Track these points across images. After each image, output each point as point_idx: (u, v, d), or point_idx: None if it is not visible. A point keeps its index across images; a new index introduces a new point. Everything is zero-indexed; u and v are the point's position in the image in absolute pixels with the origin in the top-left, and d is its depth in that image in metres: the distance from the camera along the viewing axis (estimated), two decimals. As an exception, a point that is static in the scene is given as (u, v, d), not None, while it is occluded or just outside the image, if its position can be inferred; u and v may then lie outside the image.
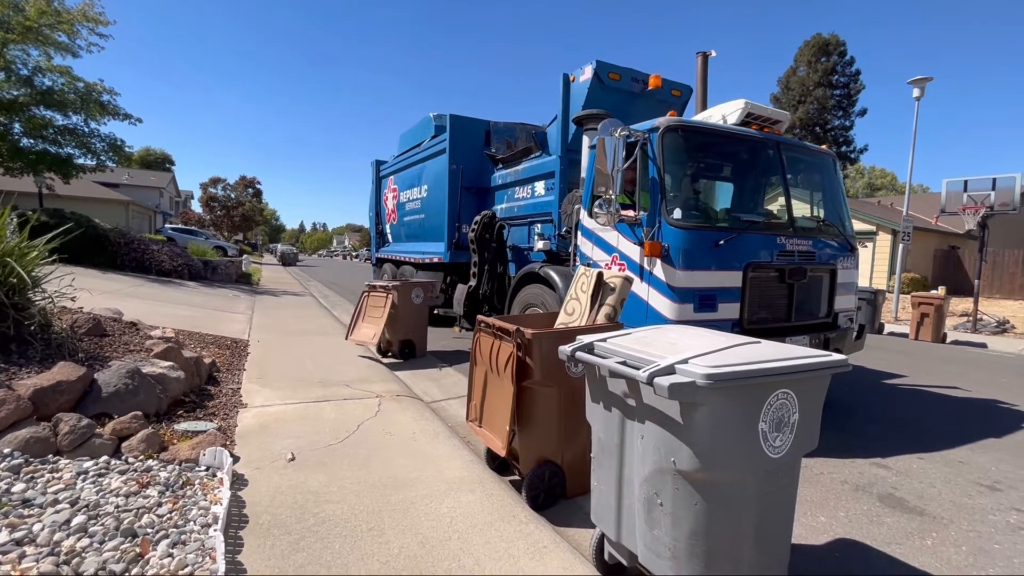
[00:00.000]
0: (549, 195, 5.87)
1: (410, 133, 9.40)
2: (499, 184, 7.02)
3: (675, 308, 3.62)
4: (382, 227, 10.81)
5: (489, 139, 7.42)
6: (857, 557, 2.42)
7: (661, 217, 3.78)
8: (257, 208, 46.95)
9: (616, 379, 1.85)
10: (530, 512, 2.52)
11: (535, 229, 6.18)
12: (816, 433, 1.80)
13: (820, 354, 1.78)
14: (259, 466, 2.82)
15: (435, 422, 3.75)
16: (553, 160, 5.75)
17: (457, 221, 7.31)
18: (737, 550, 1.68)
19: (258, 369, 4.93)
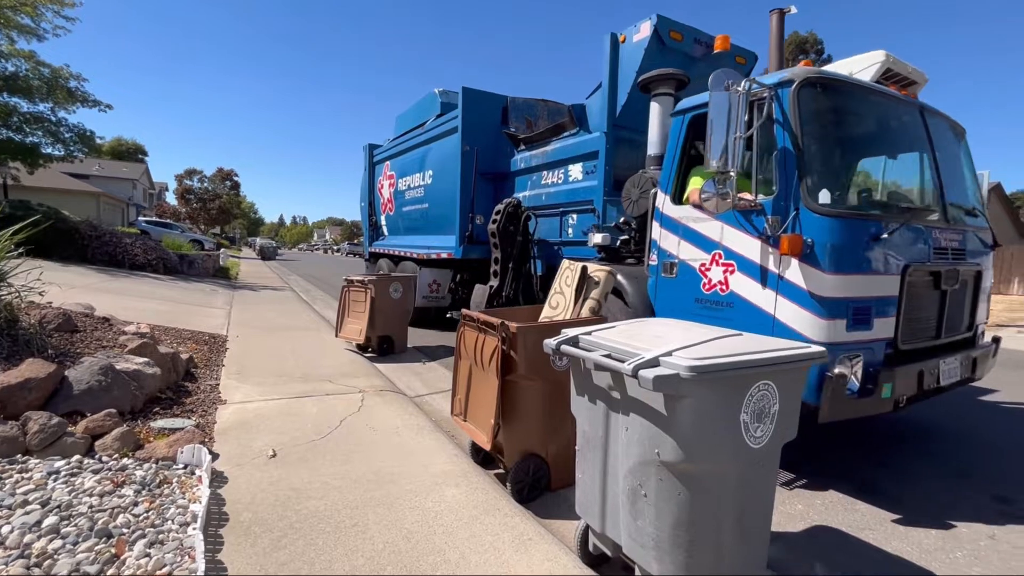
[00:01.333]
0: (589, 179, 5.04)
1: (410, 113, 8.46)
2: (521, 168, 6.16)
3: (822, 326, 2.72)
4: (376, 218, 9.87)
5: (507, 116, 6.53)
6: (832, 542, 2.48)
7: (798, 201, 2.85)
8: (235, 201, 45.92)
9: (601, 372, 1.86)
10: (515, 505, 2.53)
11: (568, 220, 5.40)
12: (795, 423, 1.84)
13: (798, 345, 1.82)
14: (239, 463, 2.77)
15: (419, 417, 3.74)
16: (596, 138, 4.91)
17: (471, 211, 6.41)
18: (719, 539, 1.71)
19: (237, 365, 4.83)
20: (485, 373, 2.77)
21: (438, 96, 7.50)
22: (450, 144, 6.66)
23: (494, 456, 2.91)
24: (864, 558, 2.36)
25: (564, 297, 3.15)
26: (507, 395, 2.64)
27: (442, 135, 6.99)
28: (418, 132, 7.76)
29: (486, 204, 6.35)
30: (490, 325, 2.71)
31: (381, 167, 9.43)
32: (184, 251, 14.62)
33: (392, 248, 8.89)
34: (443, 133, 6.94)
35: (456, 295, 7.15)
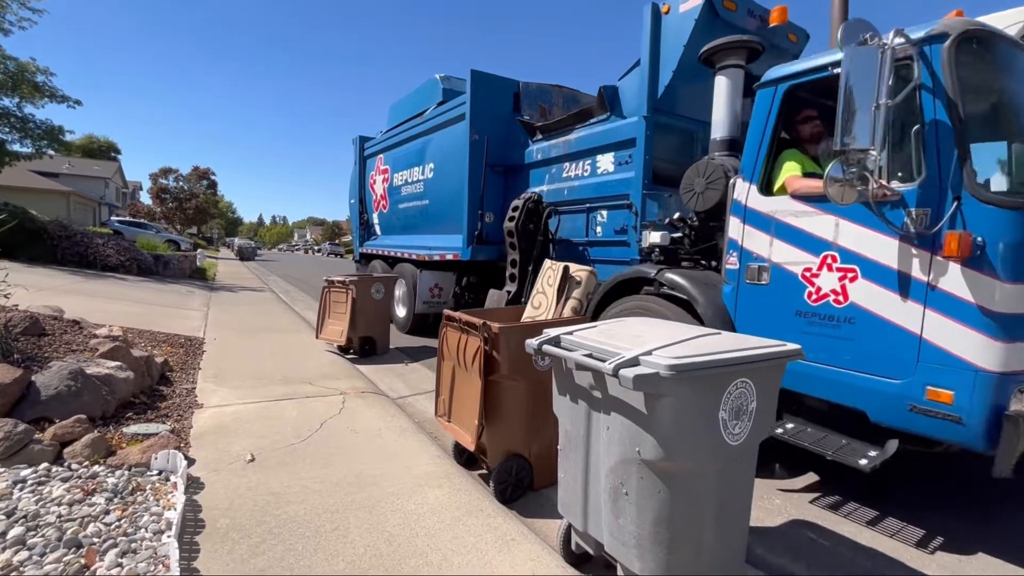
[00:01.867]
0: (623, 171, 4.42)
1: (407, 102, 7.81)
2: (537, 160, 5.50)
3: (995, 349, 2.16)
4: (368, 216, 9.13)
5: (518, 103, 5.94)
6: (810, 535, 2.54)
7: (958, 188, 2.24)
8: (212, 200, 44.95)
9: (582, 371, 1.87)
10: (498, 505, 2.52)
11: (596, 217, 4.76)
12: (772, 420, 1.87)
13: (775, 343, 1.85)
14: (216, 468, 2.72)
15: (401, 418, 3.71)
16: (633, 124, 4.28)
17: (480, 207, 5.78)
18: (699, 535, 1.73)
19: (215, 368, 4.73)
20: (468, 374, 2.76)
21: (439, 82, 6.88)
22: (456, 133, 6.08)
23: (477, 457, 2.90)
24: (840, 551, 2.42)
25: (547, 297, 3.17)
26: (490, 395, 2.64)
27: (446, 124, 6.38)
28: (417, 122, 7.15)
29: (497, 200, 5.83)
30: (472, 325, 2.70)
31: (373, 161, 8.76)
32: (159, 252, 14.27)
33: (386, 249, 8.23)
34: (447, 122, 6.33)
35: (461, 300, 6.69)
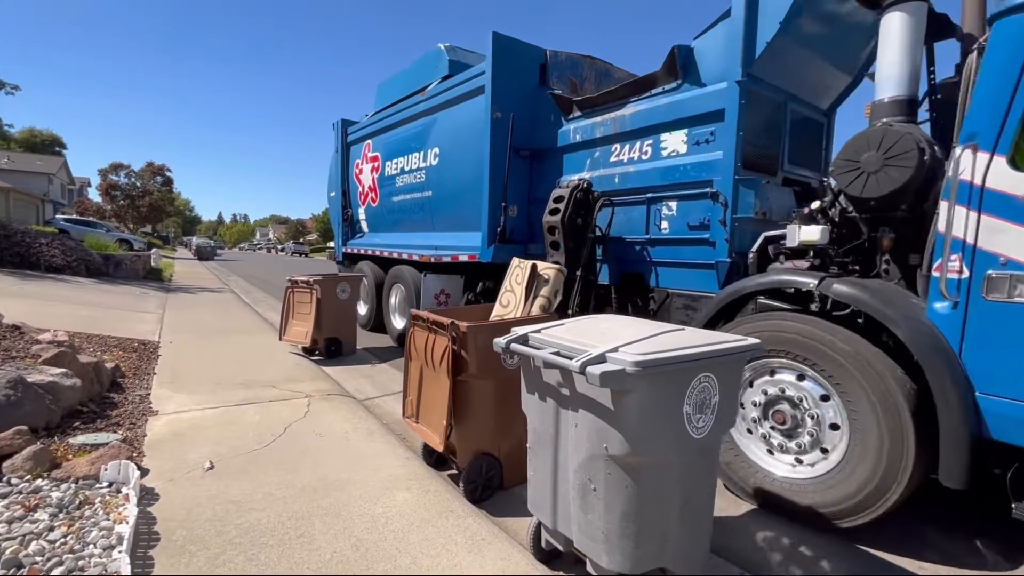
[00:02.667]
0: (703, 152, 3.58)
1: (401, 78, 6.75)
2: (575, 142, 4.59)
3: None
4: (352, 211, 8.05)
5: (545, 76, 5.04)
6: (771, 523, 2.62)
7: None
8: (167, 198, 42.99)
9: (550, 369, 1.87)
10: (468, 506, 2.51)
11: (660, 210, 3.88)
12: (734, 413, 1.92)
13: (736, 338, 1.90)
14: (172, 478, 2.60)
15: (369, 420, 3.64)
16: (720, 92, 3.43)
17: (503, 200, 4.90)
18: (665, 527, 1.76)
19: (171, 372, 4.53)
20: (436, 374, 2.73)
21: (444, 53, 5.91)
22: (470, 111, 5.14)
23: (447, 457, 2.88)
24: (799, 536, 2.51)
25: (515, 295, 3.16)
26: (459, 395, 2.62)
27: (456, 100, 5.41)
28: (416, 100, 6.14)
29: (520, 191, 4.99)
30: (440, 325, 2.67)
31: (359, 148, 7.62)
32: (110, 251, 13.55)
33: (377, 248, 7.20)
34: (458, 98, 5.38)
35: None
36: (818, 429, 2.56)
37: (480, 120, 4.93)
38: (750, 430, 2.81)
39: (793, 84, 3.78)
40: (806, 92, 3.99)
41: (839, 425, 2.49)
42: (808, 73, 3.56)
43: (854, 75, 4.16)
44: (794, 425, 2.63)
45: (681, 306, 3.74)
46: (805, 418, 2.59)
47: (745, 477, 2.79)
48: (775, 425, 2.69)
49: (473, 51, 5.99)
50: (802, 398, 2.59)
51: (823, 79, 4.04)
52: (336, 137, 8.16)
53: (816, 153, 4.37)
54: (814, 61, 3.49)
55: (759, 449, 2.79)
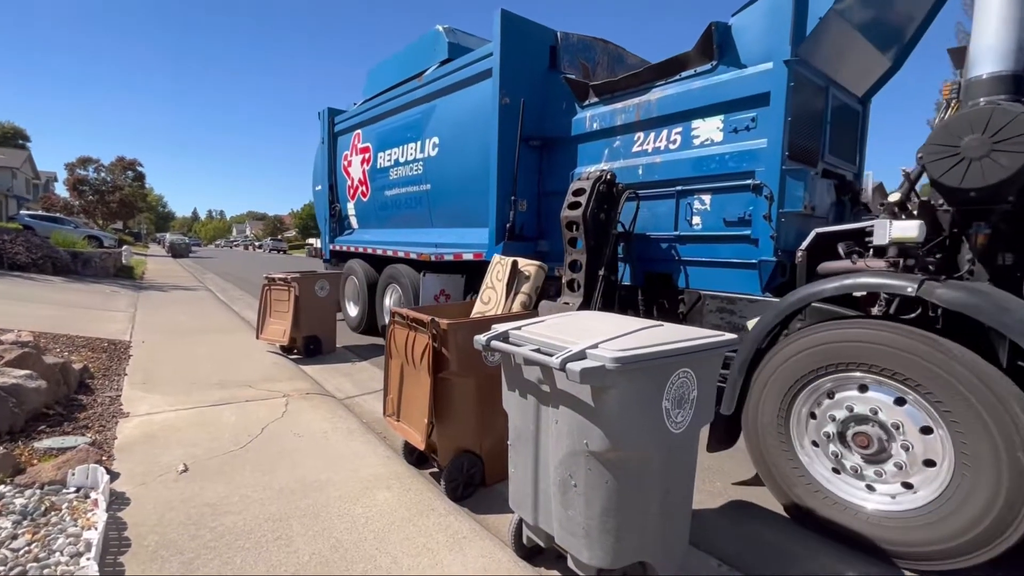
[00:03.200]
0: (743, 139, 3.28)
1: (394, 63, 6.34)
2: (593, 130, 4.25)
3: None
4: (340, 206, 7.63)
5: (555, 59, 4.72)
6: (749, 515, 2.68)
7: None
8: (139, 193, 41.76)
9: (531, 366, 1.87)
10: (449, 504, 2.50)
11: (692, 204, 3.57)
12: (712, 407, 1.95)
13: (714, 334, 1.92)
14: (144, 481, 2.53)
15: (349, 419, 3.60)
16: (766, 73, 3.13)
17: (512, 193, 4.58)
18: (644, 521, 1.78)
19: (143, 373, 4.41)
20: (417, 371, 2.71)
21: (443, 35, 5.50)
22: (474, 97, 4.81)
23: (428, 455, 2.86)
24: (777, 527, 2.57)
25: (496, 292, 3.15)
26: (440, 393, 2.60)
27: (458, 85, 5.05)
28: (412, 86, 5.73)
29: (530, 184, 4.68)
30: (420, 322, 2.65)
31: (348, 138, 7.18)
32: (78, 248, 13.11)
33: (369, 245, 6.79)
34: (461, 83, 5.01)
35: None
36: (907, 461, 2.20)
37: (487, 106, 4.58)
38: (816, 442, 2.50)
39: (835, 67, 3.48)
40: (845, 76, 3.70)
41: (935, 461, 2.13)
42: (851, 55, 3.28)
43: (894, 59, 3.89)
44: (879, 450, 2.28)
45: (715, 309, 3.39)
46: (894, 445, 2.24)
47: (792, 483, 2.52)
48: (855, 447, 2.35)
49: (473, 34, 5.67)
50: (899, 424, 2.21)
51: (864, 62, 3.77)
52: (322, 127, 7.70)
53: (852, 144, 4.09)
54: (858, 42, 3.21)
55: (823, 467, 2.49)
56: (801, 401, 2.50)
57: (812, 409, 2.49)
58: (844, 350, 2.31)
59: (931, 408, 2.10)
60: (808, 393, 2.47)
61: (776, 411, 2.55)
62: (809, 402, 2.49)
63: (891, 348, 2.17)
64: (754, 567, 2.24)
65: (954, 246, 2.52)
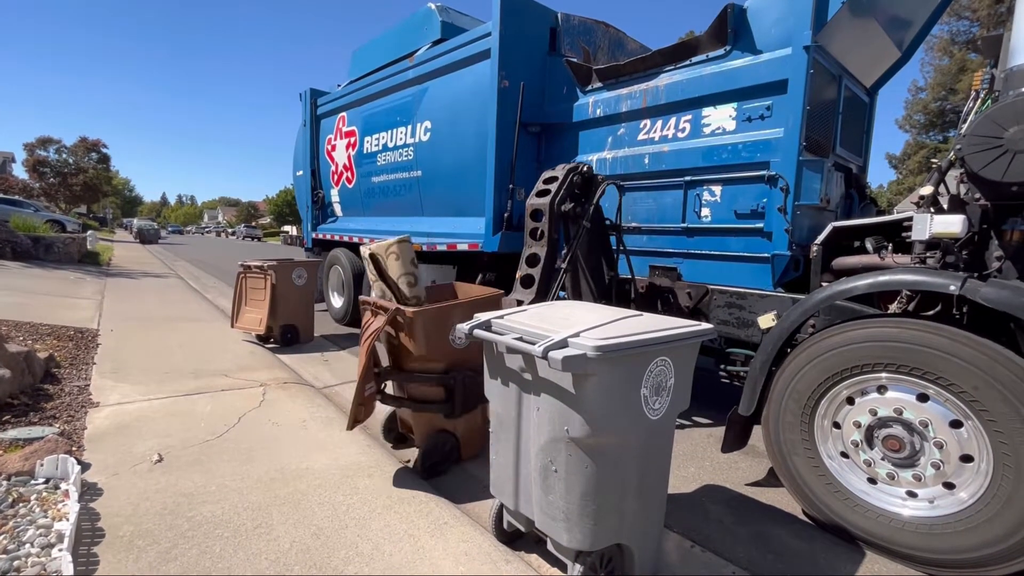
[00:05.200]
0: (757, 128, 3.20)
1: (382, 43, 6.07)
2: (596, 116, 4.11)
3: None
4: (323, 192, 7.34)
5: (555, 41, 4.55)
6: (721, 497, 2.77)
7: None
8: (104, 176, 40.15)
9: (513, 355, 1.89)
10: (431, 491, 2.52)
11: (701, 195, 3.48)
12: (688, 395, 2.00)
13: (691, 324, 1.97)
14: (116, 472, 2.48)
15: (328, 408, 3.57)
16: (784, 59, 3.04)
17: (511, 180, 4.37)
18: (622, 505, 1.83)
19: (112, 362, 4.29)
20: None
21: (436, 14, 5.26)
22: (470, 79, 4.61)
23: (406, 435, 2.96)
24: (746, 509, 2.67)
25: (381, 283, 2.94)
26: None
27: (454, 66, 4.80)
28: (402, 67, 5.45)
29: (528, 171, 4.44)
30: (383, 308, 2.67)
31: (332, 121, 6.89)
32: (40, 233, 12.57)
33: (355, 234, 6.54)
34: (457, 63, 4.77)
35: None
36: (942, 458, 2.11)
37: (484, 89, 4.37)
38: (845, 452, 2.38)
39: (848, 56, 3.41)
40: (857, 66, 3.63)
41: (972, 456, 2.05)
42: (865, 44, 3.22)
43: (903, 50, 3.86)
44: (912, 452, 2.19)
45: (724, 304, 3.32)
46: (927, 445, 2.15)
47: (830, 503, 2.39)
48: (887, 451, 2.25)
49: (467, 14, 5.51)
50: (927, 422, 2.12)
51: (876, 52, 3.72)
52: (304, 109, 7.32)
53: (859, 136, 4.04)
54: (873, 30, 3.15)
55: (856, 477, 2.37)
56: (824, 407, 2.39)
57: (836, 418, 2.38)
58: (875, 350, 2.20)
59: (956, 400, 2.04)
60: (830, 400, 2.37)
61: (799, 419, 2.43)
62: (832, 409, 2.38)
63: (934, 350, 2.06)
64: (726, 549, 2.33)
65: (982, 242, 2.44)
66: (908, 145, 28.11)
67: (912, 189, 9.48)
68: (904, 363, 2.13)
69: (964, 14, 25.28)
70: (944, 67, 25.72)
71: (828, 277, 2.98)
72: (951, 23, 25.54)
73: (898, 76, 4.14)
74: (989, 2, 23.58)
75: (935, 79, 26.38)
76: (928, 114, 26.92)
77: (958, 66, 23.90)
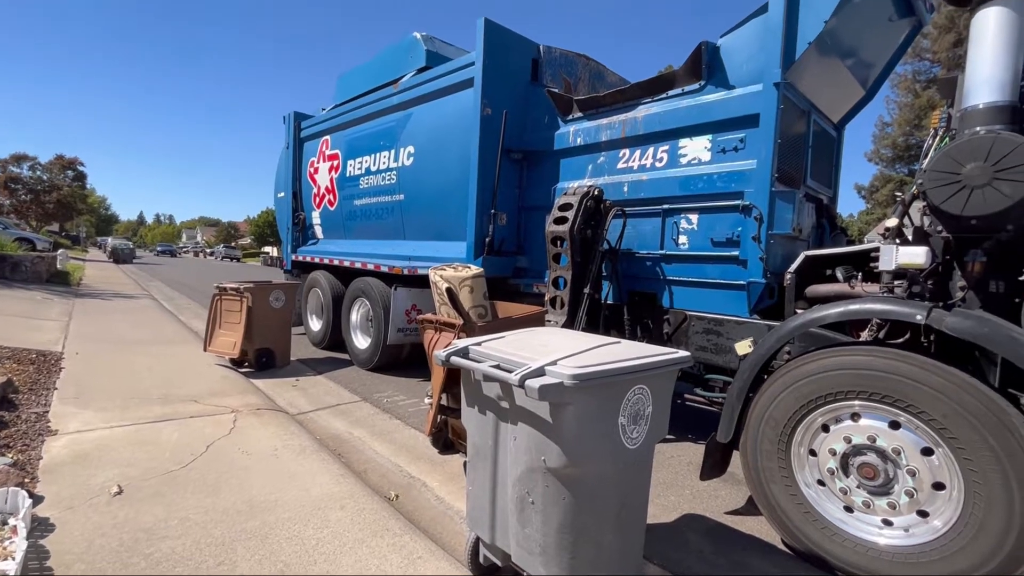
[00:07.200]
0: (731, 160, 3.32)
1: (367, 69, 6.21)
2: (576, 145, 4.24)
3: None
4: (304, 215, 7.39)
5: (537, 72, 4.73)
6: (701, 527, 2.74)
7: None
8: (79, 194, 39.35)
9: (490, 383, 1.87)
10: (405, 523, 2.44)
11: (679, 223, 3.59)
12: (666, 423, 2.00)
13: (669, 351, 1.98)
14: (71, 505, 2.35)
15: (301, 436, 3.47)
16: (755, 95, 3.18)
17: (492, 206, 4.49)
18: (600, 536, 1.79)
19: (75, 387, 4.12)
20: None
21: (421, 43, 5.41)
22: (454, 107, 4.74)
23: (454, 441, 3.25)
24: (726, 538, 2.64)
25: (450, 307, 3.14)
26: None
27: (438, 93, 4.94)
28: (387, 92, 5.61)
29: (510, 197, 4.61)
30: (451, 325, 2.89)
31: (315, 144, 6.98)
32: (7, 251, 12.18)
33: (335, 256, 6.52)
34: (441, 91, 4.91)
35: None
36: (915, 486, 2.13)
37: (467, 116, 4.51)
38: (822, 480, 2.38)
39: (816, 93, 3.60)
40: (824, 103, 3.83)
41: (945, 484, 2.07)
42: (831, 82, 3.44)
43: (867, 88, 4.11)
44: (886, 480, 2.21)
45: (701, 330, 3.40)
46: (900, 473, 2.17)
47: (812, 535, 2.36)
48: (862, 479, 2.26)
49: (451, 44, 5.67)
50: (900, 449, 2.15)
51: (842, 90, 3.95)
52: (287, 132, 7.43)
53: (829, 168, 4.25)
54: (838, 69, 3.38)
55: (833, 505, 2.36)
56: (800, 434, 2.40)
57: (812, 446, 2.39)
58: (848, 378, 2.23)
59: (926, 428, 2.07)
60: (805, 427, 2.39)
61: (776, 447, 2.44)
62: (808, 437, 2.40)
63: (904, 378, 2.10)
64: (705, 580, 2.29)
65: (946, 273, 2.52)
66: (876, 177, 29.25)
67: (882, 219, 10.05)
68: (876, 391, 2.16)
69: (925, 55, 26.78)
70: (909, 104, 27.07)
71: (802, 304, 3.04)
72: (913, 63, 27.01)
73: (866, 112, 4.37)
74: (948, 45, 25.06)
75: (901, 115, 27.71)
76: (895, 148, 28.15)
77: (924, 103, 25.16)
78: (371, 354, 5.67)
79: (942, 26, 25.19)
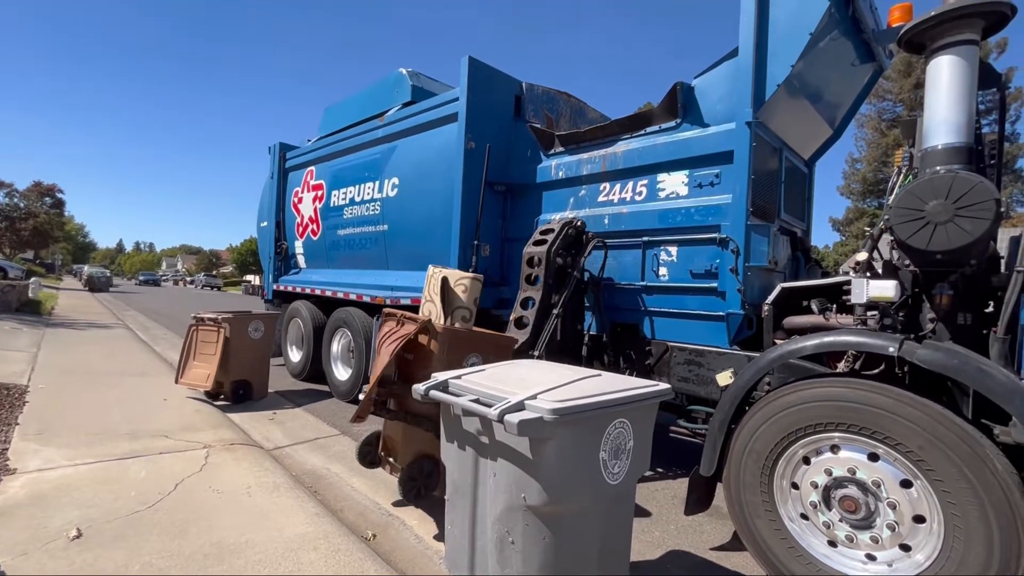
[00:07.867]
0: (708, 194, 3.45)
1: (354, 102, 6.34)
2: (557, 179, 4.37)
3: None
4: (287, 244, 7.44)
5: (520, 109, 4.88)
6: (686, 563, 2.68)
7: None
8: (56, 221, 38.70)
9: (469, 417, 1.84)
10: (381, 565, 2.35)
11: (659, 255, 3.69)
12: (648, 457, 1.98)
13: (649, 384, 1.98)
14: (25, 551, 2.22)
15: (276, 473, 3.35)
16: (729, 133, 3.32)
17: (475, 237, 4.56)
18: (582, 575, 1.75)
19: (38, 423, 3.94)
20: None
21: (407, 78, 5.58)
22: (440, 139, 4.84)
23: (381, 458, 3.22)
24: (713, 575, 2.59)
25: (435, 306, 3.12)
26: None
27: (423, 127, 5.06)
28: (372, 125, 5.73)
29: (493, 229, 4.73)
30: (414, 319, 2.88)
31: (299, 175, 7.07)
32: (-25, 280, 11.83)
33: (317, 286, 6.52)
34: (424, 125, 5.04)
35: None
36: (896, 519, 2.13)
37: (451, 149, 4.63)
38: (805, 515, 2.37)
39: (786, 131, 3.78)
40: (795, 140, 4.02)
41: (925, 517, 2.07)
42: (800, 121, 3.66)
43: (835, 127, 4.35)
44: (867, 514, 2.20)
45: (683, 361, 3.45)
46: (881, 505, 2.17)
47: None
48: (844, 513, 2.25)
49: (437, 79, 5.83)
50: (879, 481, 2.15)
51: (811, 129, 4.14)
52: (272, 162, 7.52)
53: (801, 203, 4.41)
54: (807, 110, 3.62)
55: (817, 540, 2.35)
56: (782, 467, 2.40)
57: (794, 479, 2.39)
58: (826, 410, 2.24)
59: (904, 460, 2.09)
60: (787, 460, 2.38)
61: (758, 480, 2.43)
62: (790, 469, 2.40)
63: (880, 409, 2.12)
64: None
65: (916, 305, 2.61)
66: (850, 210, 30.35)
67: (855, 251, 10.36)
68: (854, 422, 2.18)
69: (888, 97, 28.26)
70: (876, 141, 28.38)
71: (780, 335, 3.09)
72: (877, 103, 28.45)
73: (837, 148, 4.58)
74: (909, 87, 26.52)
75: (870, 152, 29.02)
76: (865, 183, 29.35)
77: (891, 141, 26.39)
78: (352, 386, 5.57)
79: (901, 70, 26.75)
